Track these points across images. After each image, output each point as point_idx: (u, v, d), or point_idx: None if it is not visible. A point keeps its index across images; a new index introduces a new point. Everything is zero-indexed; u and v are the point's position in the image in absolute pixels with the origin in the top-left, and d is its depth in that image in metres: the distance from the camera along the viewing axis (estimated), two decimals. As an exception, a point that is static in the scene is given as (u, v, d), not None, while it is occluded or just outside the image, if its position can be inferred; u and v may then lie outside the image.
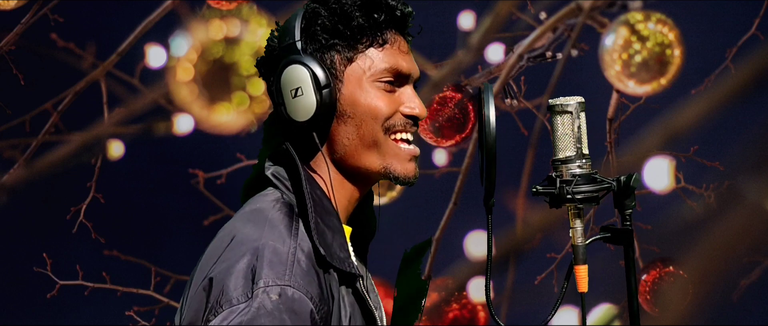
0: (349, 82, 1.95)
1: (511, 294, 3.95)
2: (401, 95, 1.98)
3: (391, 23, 1.98)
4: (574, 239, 1.93)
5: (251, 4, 3.89)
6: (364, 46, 1.96)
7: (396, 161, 1.96)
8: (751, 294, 3.89)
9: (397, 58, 1.98)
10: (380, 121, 1.95)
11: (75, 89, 3.96)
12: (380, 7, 1.96)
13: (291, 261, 1.84)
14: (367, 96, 1.95)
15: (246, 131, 3.90)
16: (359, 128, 1.94)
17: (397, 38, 1.99)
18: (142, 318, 3.93)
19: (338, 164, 1.97)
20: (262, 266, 1.82)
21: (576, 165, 1.93)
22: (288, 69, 1.93)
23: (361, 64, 1.96)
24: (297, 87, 1.92)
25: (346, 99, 1.95)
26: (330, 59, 1.94)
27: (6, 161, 3.95)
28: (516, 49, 3.97)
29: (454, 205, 3.96)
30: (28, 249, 3.93)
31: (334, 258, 1.88)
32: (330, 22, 1.94)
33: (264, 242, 1.85)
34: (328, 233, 1.89)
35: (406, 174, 1.97)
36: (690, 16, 3.92)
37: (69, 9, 3.93)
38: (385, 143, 1.96)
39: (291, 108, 1.93)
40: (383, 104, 1.95)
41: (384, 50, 1.97)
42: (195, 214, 3.93)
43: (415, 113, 1.98)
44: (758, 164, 3.89)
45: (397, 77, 1.98)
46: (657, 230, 3.85)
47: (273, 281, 1.81)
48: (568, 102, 1.95)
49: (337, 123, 1.95)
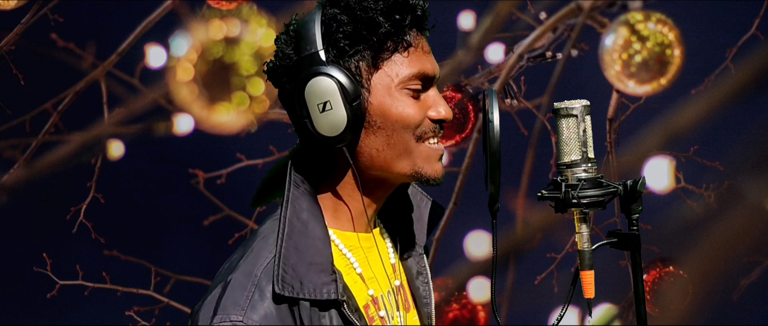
0: (377, 91, 1.88)
1: (511, 294, 3.95)
2: (427, 98, 1.92)
3: (414, 23, 1.90)
4: (580, 244, 1.90)
5: (251, 4, 3.89)
6: (390, 51, 1.88)
7: (426, 163, 1.92)
8: (751, 294, 3.90)
9: (423, 61, 1.90)
10: (411, 130, 1.89)
11: (75, 89, 3.96)
12: (403, 9, 1.88)
13: (250, 296, 1.82)
14: (398, 106, 1.88)
15: (246, 131, 3.90)
16: (390, 138, 1.88)
17: (420, 39, 1.91)
18: (142, 318, 3.92)
19: (363, 173, 1.91)
20: (226, 299, 1.81)
21: (582, 169, 1.90)
22: (313, 81, 1.84)
23: (388, 71, 1.88)
24: (325, 101, 1.84)
25: (376, 109, 1.88)
26: (355, 67, 1.87)
27: (6, 161, 3.94)
28: (516, 49, 3.97)
29: (454, 205, 3.96)
30: (28, 249, 3.93)
31: (305, 289, 1.83)
32: (353, 29, 1.86)
33: (235, 275, 1.84)
34: (303, 261, 1.84)
35: (436, 175, 1.93)
36: (690, 16, 3.91)
37: (69, 9, 3.92)
38: (417, 149, 1.91)
39: (319, 123, 1.85)
40: (414, 112, 1.89)
41: (409, 54, 1.89)
42: (195, 214, 3.93)
43: (443, 116, 1.92)
44: (758, 164, 3.89)
45: (424, 82, 1.91)
46: (657, 230, 3.85)
47: (227, 317, 1.80)
48: (573, 105, 1.91)
49: (364, 134, 1.89)
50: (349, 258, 1.93)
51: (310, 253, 1.86)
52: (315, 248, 1.87)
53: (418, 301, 2.07)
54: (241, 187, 3.89)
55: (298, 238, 1.86)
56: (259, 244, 1.88)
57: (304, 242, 1.86)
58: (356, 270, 1.94)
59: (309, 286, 1.84)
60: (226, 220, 3.93)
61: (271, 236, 1.88)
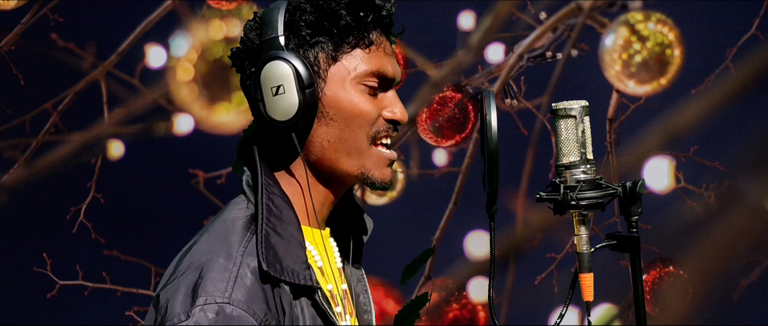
0: (332, 82, 1.89)
1: (511, 294, 3.95)
2: (383, 98, 1.92)
3: (378, 23, 1.91)
4: (579, 246, 1.89)
5: (251, 4, 3.89)
6: (350, 45, 1.89)
7: (375, 167, 1.90)
8: (751, 294, 3.90)
9: (383, 61, 1.91)
10: (365, 126, 1.89)
11: (75, 89, 3.96)
12: (368, 6, 1.89)
13: (234, 277, 1.79)
14: (351, 98, 1.89)
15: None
16: (343, 132, 1.89)
17: (382, 40, 1.92)
18: (142, 318, 3.92)
19: (314, 166, 1.91)
20: (205, 283, 1.78)
21: (580, 170, 1.88)
22: (269, 65, 1.85)
23: (346, 65, 1.89)
24: (278, 84, 1.85)
25: (329, 100, 1.88)
26: (313, 57, 1.88)
27: (6, 161, 3.95)
28: (516, 49, 3.97)
29: (454, 205, 3.96)
30: (28, 249, 3.93)
31: (285, 272, 1.82)
32: (315, 19, 1.87)
33: (211, 257, 1.82)
34: (282, 245, 1.84)
35: (383, 179, 1.91)
36: (690, 16, 3.91)
37: (69, 9, 3.92)
38: (368, 151, 1.90)
39: (271, 106, 1.86)
40: (368, 108, 1.89)
41: (370, 52, 1.90)
42: (195, 214, 3.93)
43: (398, 117, 1.91)
44: (758, 164, 3.89)
45: (381, 81, 1.91)
46: (657, 230, 3.84)
47: (212, 298, 1.77)
48: (571, 106, 1.89)
49: (317, 124, 1.89)
50: (311, 250, 1.92)
51: (287, 238, 1.86)
52: (290, 233, 1.86)
53: (359, 308, 2.06)
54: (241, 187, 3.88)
55: (276, 222, 1.86)
56: (228, 227, 1.87)
57: (281, 226, 1.86)
58: (318, 263, 1.94)
59: (288, 270, 1.83)
60: (226, 220, 3.92)
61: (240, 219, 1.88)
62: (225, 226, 1.88)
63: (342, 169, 1.91)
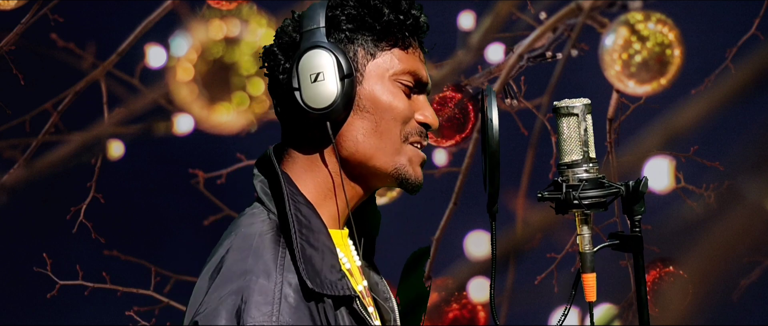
0: (370, 76, 1.90)
1: (511, 294, 3.95)
2: (416, 101, 1.94)
3: (415, 30, 1.93)
4: (582, 246, 1.88)
5: (251, 4, 3.88)
6: (389, 44, 1.91)
7: (409, 164, 1.91)
8: (751, 294, 3.89)
9: (418, 65, 1.93)
10: (399, 123, 1.90)
11: (75, 89, 3.95)
12: (408, 13, 1.92)
13: (278, 298, 1.77)
14: (388, 94, 1.90)
15: (246, 131, 3.89)
16: (378, 125, 1.89)
17: (417, 47, 1.95)
18: (142, 318, 3.92)
19: (345, 161, 1.90)
20: (249, 308, 1.75)
21: (583, 169, 1.87)
22: (310, 53, 1.86)
23: (385, 61, 1.90)
24: (318, 72, 1.85)
25: (366, 93, 1.89)
26: (353, 51, 1.89)
27: (6, 161, 3.94)
28: (516, 49, 3.96)
29: (454, 205, 3.95)
30: (28, 249, 3.92)
31: (325, 285, 1.80)
32: (358, 13, 1.89)
33: (249, 279, 1.78)
34: (317, 256, 1.82)
35: (418, 178, 1.92)
36: (690, 16, 3.91)
37: (69, 9, 3.92)
38: (402, 147, 1.90)
39: (308, 94, 1.85)
40: (403, 105, 1.90)
41: (408, 53, 1.92)
42: (195, 214, 3.93)
43: (429, 121, 1.93)
44: (758, 164, 3.88)
45: (416, 83, 1.93)
46: (657, 230, 3.84)
47: (260, 323, 1.75)
48: (573, 104, 1.88)
49: (352, 117, 1.89)
50: (338, 253, 1.90)
51: (320, 248, 1.84)
52: (322, 242, 1.85)
53: (379, 297, 2.05)
54: (241, 187, 3.88)
55: (307, 234, 1.84)
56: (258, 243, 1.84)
57: (313, 237, 1.84)
58: (346, 266, 1.93)
59: (327, 282, 1.81)
60: (226, 220, 3.92)
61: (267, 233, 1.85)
62: (252, 241, 1.85)
63: (376, 165, 1.91)
